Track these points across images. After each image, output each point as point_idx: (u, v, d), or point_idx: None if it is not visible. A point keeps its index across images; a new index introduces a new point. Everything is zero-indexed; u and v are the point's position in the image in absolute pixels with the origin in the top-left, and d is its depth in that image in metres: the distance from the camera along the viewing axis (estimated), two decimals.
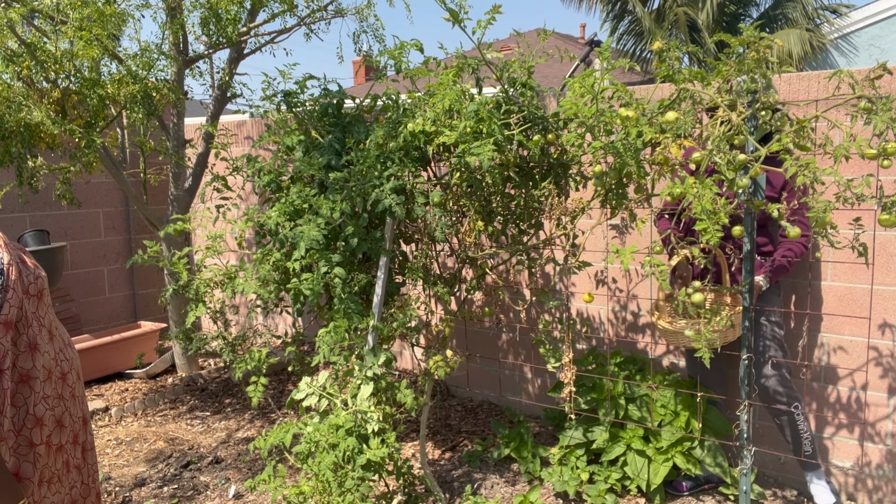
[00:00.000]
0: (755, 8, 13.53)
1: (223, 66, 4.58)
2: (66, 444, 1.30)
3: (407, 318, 2.86)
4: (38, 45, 3.77)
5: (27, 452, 1.23)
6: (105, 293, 5.68)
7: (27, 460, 1.23)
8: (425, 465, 3.12)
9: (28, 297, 1.23)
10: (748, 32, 2.14)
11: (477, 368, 4.33)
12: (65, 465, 1.29)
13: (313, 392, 2.70)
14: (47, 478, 1.25)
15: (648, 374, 3.30)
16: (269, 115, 3.10)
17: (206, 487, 3.42)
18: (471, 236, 2.95)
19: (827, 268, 3.04)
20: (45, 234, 4.79)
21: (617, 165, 2.29)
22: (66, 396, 1.31)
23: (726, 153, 2.13)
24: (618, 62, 2.49)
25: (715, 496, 3.10)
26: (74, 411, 1.34)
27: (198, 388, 4.80)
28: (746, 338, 2.41)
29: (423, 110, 2.69)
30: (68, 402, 1.32)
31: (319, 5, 4.64)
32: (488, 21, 2.51)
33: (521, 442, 3.43)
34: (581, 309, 3.86)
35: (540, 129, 2.68)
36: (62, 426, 1.30)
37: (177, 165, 4.59)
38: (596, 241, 3.66)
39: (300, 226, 2.66)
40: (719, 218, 2.08)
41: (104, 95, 3.90)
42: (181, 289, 3.21)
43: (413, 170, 2.76)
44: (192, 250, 3.96)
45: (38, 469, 1.24)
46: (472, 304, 4.19)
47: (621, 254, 2.31)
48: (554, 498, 3.16)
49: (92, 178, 5.46)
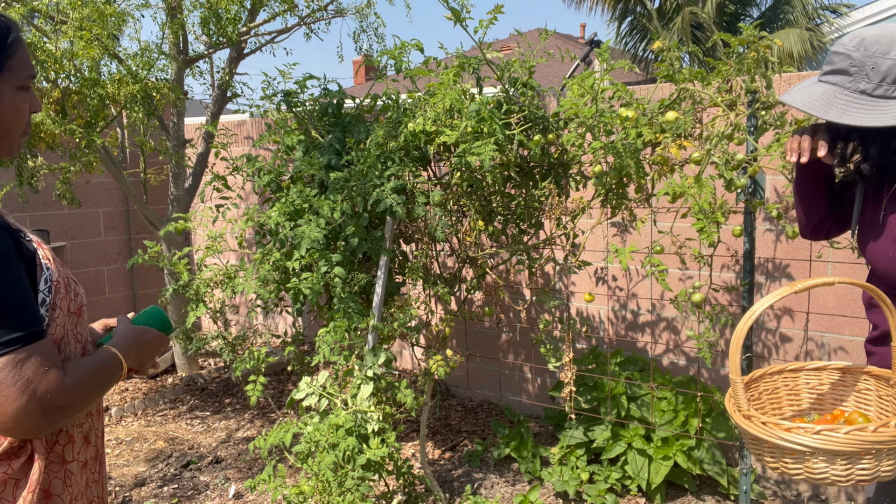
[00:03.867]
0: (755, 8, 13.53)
1: (223, 65, 4.58)
2: (90, 460, 1.30)
3: (407, 317, 2.86)
4: (38, 44, 3.77)
5: (59, 470, 1.22)
6: (105, 293, 5.67)
7: (58, 477, 1.21)
8: (425, 465, 3.12)
9: (69, 315, 1.22)
10: (748, 32, 2.14)
11: (477, 368, 4.33)
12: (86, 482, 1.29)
13: (313, 392, 2.70)
14: (75, 495, 1.25)
15: (649, 374, 3.30)
16: (269, 114, 3.10)
17: (206, 487, 3.42)
18: (471, 236, 2.95)
19: (827, 268, 3.04)
20: (45, 234, 4.79)
21: (617, 165, 2.29)
22: (92, 412, 1.30)
23: (726, 152, 2.13)
24: (617, 63, 2.49)
25: (715, 496, 3.10)
26: (98, 427, 1.33)
27: (198, 388, 4.80)
28: (746, 337, 2.41)
29: (424, 110, 2.69)
30: (94, 417, 1.31)
31: (320, 5, 4.64)
32: (490, 21, 2.51)
33: (522, 442, 3.43)
34: (581, 308, 3.86)
35: (540, 128, 2.68)
36: (88, 442, 1.29)
37: (177, 165, 4.59)
38: (596, 241, 3.67)
39: (300, 226, 2.65)
40: (717, 218, 2.08)
41: (104, 95, 3.90)
42: (181, 289, 3.21)
43: (413, 169, 2.76)
44: (193, 250, 3.96)
45: (69, 487, 1.23)
46: (472, 304, 4.19)
47: (620, 253, 2.31)
48: (554, 498, 3.16)
49: (92, 178, 5.46)
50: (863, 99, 1.45)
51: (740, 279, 2.82)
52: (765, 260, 3.20)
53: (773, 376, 1.63)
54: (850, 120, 1.44)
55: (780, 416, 1.60)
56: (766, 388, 1.63)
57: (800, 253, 3.09)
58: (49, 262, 1.21)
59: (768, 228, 3.17)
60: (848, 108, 1.45)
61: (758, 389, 1.62)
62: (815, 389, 1.61)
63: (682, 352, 3.49)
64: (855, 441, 1.25)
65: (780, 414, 1.61)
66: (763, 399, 1.62)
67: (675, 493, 3.12)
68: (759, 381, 1.62)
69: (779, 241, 3.15)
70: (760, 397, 1.62)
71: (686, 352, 3.49)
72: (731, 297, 3.22)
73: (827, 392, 1.59)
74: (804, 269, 3.08)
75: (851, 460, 1.28)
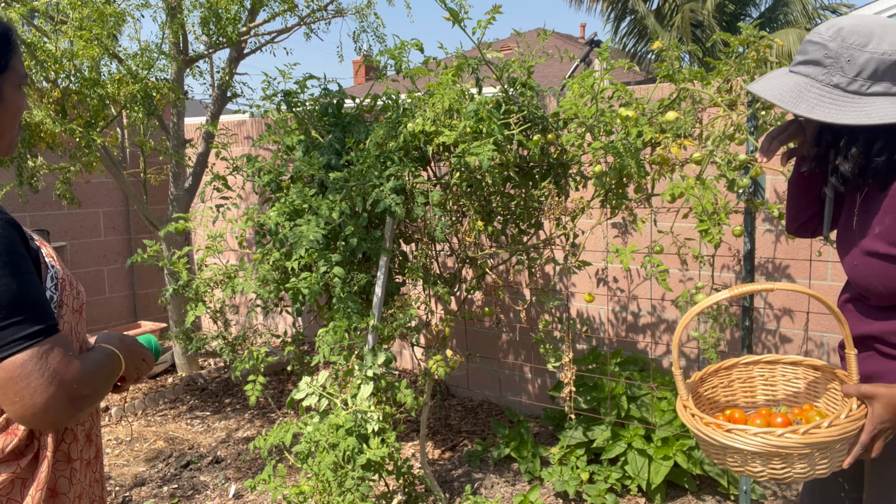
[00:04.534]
0: (755, 7, 13.53)
1: (223, 65, 4.58)
2: (92, 459, 1.30)
3: (407, 317, 2.86)
4: (38, 44, 3.77)
5: (65, 468, 1.22)
6: (105, 293, 5.67)
7: (64, 475, 1.22)
8: (425, 465, 3.12)
9: (73, 313, 1.23)
10: (748, 31, 2.14)
11: (477, 368, 4.33)
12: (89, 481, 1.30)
13: (313, 392, 2.70)
14: (79, 493, 1.25)
15: (649, 374, 3.30)
16: (269, 114, 3.10)
17: (206, 487, 3.42)
18: (471, 236, 2.95)
19: (827, 268, 3.04)
20: (45, 234, 4.79)
21: (617, 165, 2.29)
22: (92, 411, 1.31)
23: (727, 152, 2.13)
24: (617, 62, 2.49)
25: (715, 496, 3.10)
26: (97, 426, 1.34)
27: (198, 388, 4.80)
28: (746, 338, 2.41)
29: (423, 110, 2.69)
30: (94, 416, 1.32)
31: (319, 5, 4.64)
32: (488, 21, 2.51)
33: (521, 442, 3.42)
34: (581, 309, 3.86)
35: (540, 128, 2.68)
36: (90, 441, 1.30)
37: (177, 165, 4.59)
38: (596, 241, 3.66)
39: (300, 226, 2.65)
40: (720, 219, 2.08)
41: (104, 95, 3.90)
42: (181, 288, 3.21)
43: (413, 170, 2.76)
44: (192, 250, 3.96)
45: (74, 485, 1.24)
46: (472, 304, 4.19)
47: (621, 254, 2.31)
48: (554, 498, 3.16)
49: (92, 178, 5.46)
50: (836, 93, 1.34)
51: (741, 279, 2.82)
52: (765, 260, 3.20)
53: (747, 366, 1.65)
54: (819, 115, 1.33)
55: (753, 404, 1.64)
56: (740, 376, 1.66)
57: (800, 253, 3.09)
58: (53, 259, 1.22)
59: (768, 229, 3.17)
60: (819, 102, 1.34)
61: (729, 377, 1.66)
62: (790, 383, 1.62)
63: (683, 352, 3.49)
64: (767, 443, 1.32)
65: (753, 402, 1.64)
66: (735, 387, 1.65)
67: (675, 493, 3.12)
68: (731, 369, 1.65)
69: (779, 242, 3.15)
70: (732, 384, 1.65)
71: (686, 353, 3.49)
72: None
73: (803, 388, 1.61)
74: (804, 268, 3.07)
75: (786, 460, 1.34)
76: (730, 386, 1.65)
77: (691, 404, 1.46)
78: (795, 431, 1.32)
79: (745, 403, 1.65)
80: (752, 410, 1.62)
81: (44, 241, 1.25)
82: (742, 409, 1.63)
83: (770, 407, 1.62)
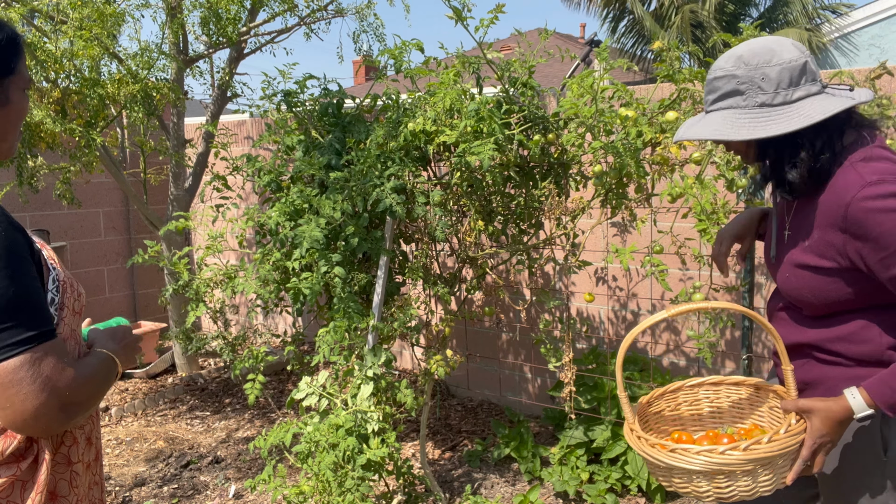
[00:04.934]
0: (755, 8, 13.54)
1: (223, 65, 4.58)
2: (92, 461, 1.30)
3: (407, 317, 2.86)
4: (38, 44, 3.77)
5: (65, 471, 1.22)
6: (105, 293, 5.67)
7: (64, 479, 1.22)
8: (425, 465, 3.12)
9: (73, 315, 1.23)
10: (748, 32, 2.14)
11: (477, 368, 4.33)
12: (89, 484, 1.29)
13: (313, 392, 2.70)
14: (80, 496, 1.25)
15: (649, 374, 3.30)
16: (269, 114, 3.10)
17: (206, 487, 3.42)
18: (471, 236, 2.95)
19: None
20: (45, 233, 4.78)
21: (617, 165, 2.29)
22: (92, 414, 1.31)
23: (727, 152, 2.13)
24: (616, 62, 2.49)
25: None
26: (97, 428, 1.34)
27: (198, 388, 4.80)
28: (746, 338, 2.42)
29: (424, 110, 2.69)
30: (94, 419, 1.32)
31: (319, 5, 4.64)
32: (491, 20, 2.51)
33: (521, 441, 3.43)
34: (581, 308, 3.86)
35: (540, 128, 2.68)
36: (90, 444, 1.30)
37: (177, 165, 4.59)
38: (596, 241, 3.66)
39: (300, 226, 2.65)
40: (719, 218, 2.09)
41: (104, 95, 3.90)
42: (181, 288, 3.21)
43: (413, 169, 2.76)
44: (193, 250, 3.96)
45: (74, 488, 1.24)
46: (472, 304, 4.19)
47: (621, 253, 2.31)
48: (554, 498, 3.16)
49: (92, 178, 5.46)
50: (766, 111, 1.37)
51: (740, 279, 2.82)
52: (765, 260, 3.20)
53: (693, 388, 1.67)
54: (766, 132, 1.35)
55: (701, 426, 1.67)
56: (686, 399, 1.69)
57: None
58: (54, 262, 1.22)
59: None
60: (756, 123, 1.37)
61: (676, 400, 1.69)
62: (735, 405, 1.66)
63: (682, 352, 3.49)
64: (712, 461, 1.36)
65: (701, 425, 1.68)
66: (682, 409, 1.68)
67: (675, 493, 3.12)
68: (677, 392, 1.67)
69: None
70: (679, 408, 1.69)
71: (686, 352, 3.49)
72: (731, 297, 3.22)
73: (747, 408, 1.64)
74: None
75: (730, 477, 1.38)
76: (677, 409, 1.68)
77: (637, 427, 1.49)
78: (737, 448, 1.34)
79: (694, 427, 1.68)
80: (700, 433, 1.65)
81: (44, 244, 1.25)
82: (690, 432, 1.66)
83: (717, 428, 1.66)
